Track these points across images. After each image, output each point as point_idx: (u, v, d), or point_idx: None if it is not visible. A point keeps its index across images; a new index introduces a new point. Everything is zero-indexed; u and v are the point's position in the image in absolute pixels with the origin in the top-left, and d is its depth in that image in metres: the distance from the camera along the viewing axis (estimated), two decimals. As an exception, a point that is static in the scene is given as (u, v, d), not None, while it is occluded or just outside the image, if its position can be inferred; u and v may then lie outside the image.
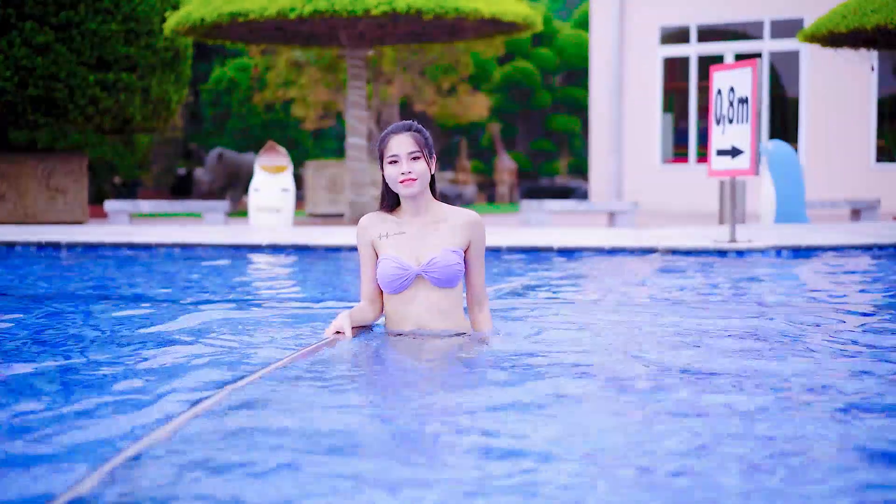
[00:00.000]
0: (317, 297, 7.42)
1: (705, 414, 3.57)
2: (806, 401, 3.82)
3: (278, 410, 3.64)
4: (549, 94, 36.08)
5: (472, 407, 3.66)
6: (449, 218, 4.84)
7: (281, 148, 15.98)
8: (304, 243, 10.96)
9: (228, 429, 3.39)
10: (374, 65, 26.17)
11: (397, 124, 4.77)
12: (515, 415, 3.56)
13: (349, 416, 3.58)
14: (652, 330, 5.54)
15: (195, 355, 4.72)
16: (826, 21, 17.03)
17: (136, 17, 17.37)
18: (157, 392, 3.95)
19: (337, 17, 15.47)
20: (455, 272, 4.77)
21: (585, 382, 4.12)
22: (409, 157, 4.69)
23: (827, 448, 3.19)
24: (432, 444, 3.27)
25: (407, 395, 3.93)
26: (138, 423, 3.48)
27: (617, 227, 15.26)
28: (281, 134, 30.61)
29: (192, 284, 8.45)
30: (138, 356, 4.78)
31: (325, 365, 4.38)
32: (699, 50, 23.14)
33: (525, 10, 16.43)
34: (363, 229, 4.87)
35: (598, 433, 3.33)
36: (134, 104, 17.49)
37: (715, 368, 4.37)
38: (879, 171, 21.45)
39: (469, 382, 4.17)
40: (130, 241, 11.02)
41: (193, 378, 4.19)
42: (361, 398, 3.97)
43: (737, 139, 10.72)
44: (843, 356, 4.82)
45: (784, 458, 3.06)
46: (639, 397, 3.88)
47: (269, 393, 3.88)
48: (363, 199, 17.01)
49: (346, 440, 3.28)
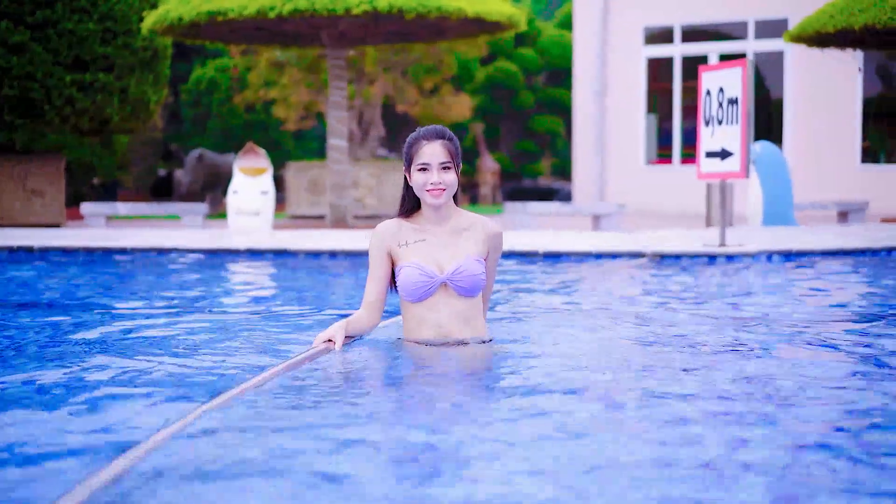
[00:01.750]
0: (295, 304, 7.19)
1: (698, 421, 3.51)
2: (802, 407, 3.76)
3: (266, 423, 3.51)
4: (533, 94, 35.90)
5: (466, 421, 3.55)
6: (472, 227, 4.79)
7: (260, 150, 15.72)
8: (283, 248, 10.70)
9: (210, 443, 3.25)
10: (355, 65, 25.95)
11: (430, 130, 4.67)
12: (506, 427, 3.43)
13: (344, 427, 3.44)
14: (641, 338, 5.39)
15: (169, 366, 4.53)
16: (813, 21, 16.89)
17: (114, 17, 17.07)
18: (130, 406, 3.75)
19: (317, 17, 15.21)
20: (479, 280, 4.71)
21: (572, 396, 3.97)
22: (440, 166, 4.62)
23: (832, 461, 3.10)
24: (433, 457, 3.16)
25: (401, 408, 3.85)
26: (109, 441, 3.33)
27: (602, 229, 15.03)
28: (262, 135, 30.32)
29: (167, 291, 8.18)
30: (107, 368, 4.56)
31: (321, 373, 4.30)
32: (683, 50, 23.01)
33: (509, 9, 16.20)
34: (380, 236, 4.76)
35: (582, 447, 3.21)
36: (112, 105, 17.19)
37: (707, 375, 4.31)
38: (865, 173, 21.34)
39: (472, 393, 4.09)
40: (105, 246, 10.74)
41: (168, 391, 3.99)
42: (362, 409, 3.82)
43: (726, 141, 10.49)
44: (835, 362, 4.75)
45: (783, 469, 3.01)
46: (630, 408, 3.77)
47: (252, 405, 3.75)
48: (344, 201, 16.74)
49: (345, 458, 3.14)
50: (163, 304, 7.09)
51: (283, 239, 11.93)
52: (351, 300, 7.51)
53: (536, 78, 36.82)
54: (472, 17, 15.45)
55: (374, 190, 23.08)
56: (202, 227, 15.88)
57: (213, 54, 31.87)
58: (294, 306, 7.12)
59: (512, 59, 35.48)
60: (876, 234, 12.27)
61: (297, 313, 6.61)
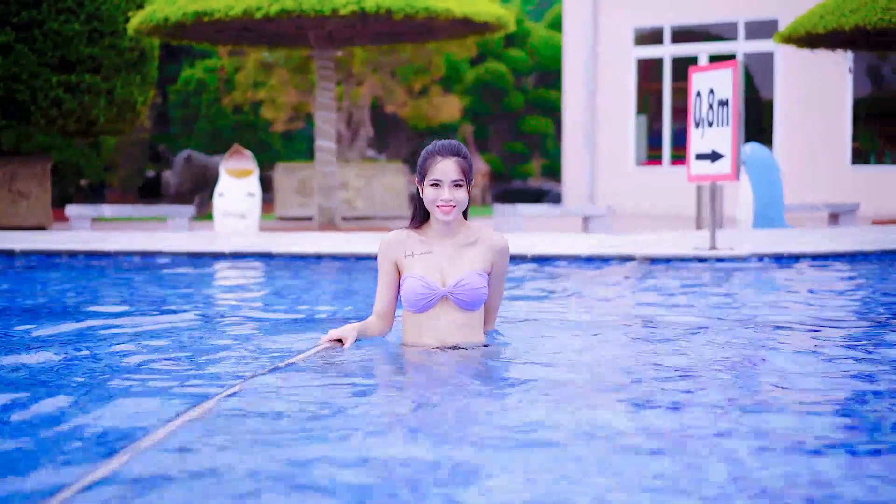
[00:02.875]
0: (277, 309, 7.06)
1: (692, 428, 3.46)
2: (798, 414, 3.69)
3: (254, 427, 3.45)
4: (522, 95, 35.78)
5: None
6: (478, 241, 4.87)
7: (247, 151, 15.58)
8: (269, 251, 10.57)
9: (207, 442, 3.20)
10: (344, 66, 25.82)
11: (445, 145, 4.75)
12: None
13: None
14: (630, 343, 5.30)
15: (154, 371, 4.44)
16: (804, 21, 16.81)
17: (100, 17, 16.91)
18: (108, 412, 3.68)
19: (304, 17, 15.08)
20: (481, 295, 4.81)
21: (561, 403, 3.88)
22: (452, 184, 4.69)
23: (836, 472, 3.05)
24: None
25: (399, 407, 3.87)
26: (84, 448, 3.27)
27: (592, 231, 14.91)
28: (250, 136, 30.16)
29: (150, 295, 8.04)
30: (89, 373, 4.45)
31: (327, 370, 4.40)
32: (673, 51, 22.93)
33: (498, 9, 16.06)
34: (388, 245, 4.86)
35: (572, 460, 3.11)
36: (98, 106, 17.03)
37: (699, 380, 4.26)
38: (855, 174, 21.27)
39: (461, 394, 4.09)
40: (88, 249, 10.60)
41: (156, 397, 3.92)
42: (355, 411, 3.84)
43: (717, 143, 10.37)
44: (828, 366, 4.70)
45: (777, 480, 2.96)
46: (618, 416, 3.68)
47: (256, 399, 3.78)
48: (332, 203, 16.61)
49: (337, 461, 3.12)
50: (142, 308, 6.95)
51: (268, 242, 11.79)
52: (335, 304, 7.38)
53: (526, 79, 36.72)
54: (460, 18, 15.32)
55: (363, 191, 22.96)
56: (188, 229, 15.74)
57: (202, 55, 31.72)
58: (276, 311, 6.99)
59: (501, 59, 35.37)
60: (868, 237, 12.17)
61: (279, 318, 6.47)
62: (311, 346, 4.86)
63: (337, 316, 6.59)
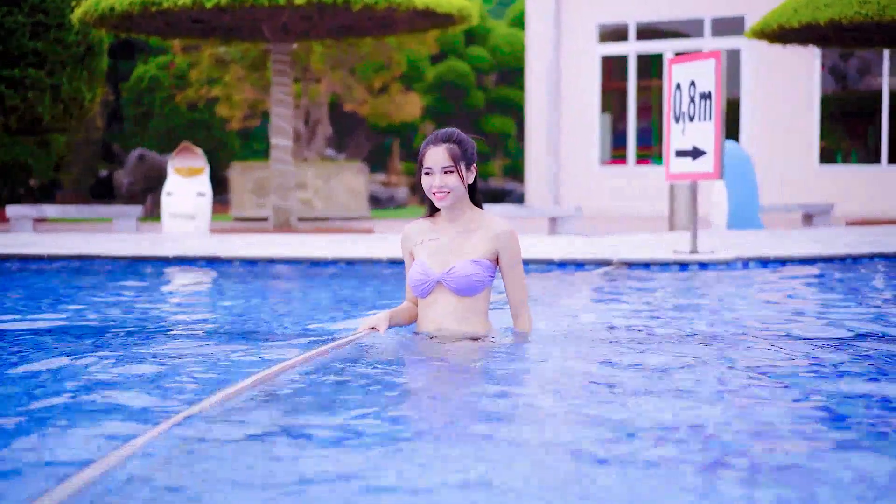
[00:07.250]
0: (222, 318, 6.37)
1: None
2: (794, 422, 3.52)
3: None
4: (484, 94, 35.31)
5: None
6: (481, 228, 4.88)
7: (196, 149, 14.85)
8: (217, 255, 9.84)
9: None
10: (301, 62, 25.15)
11: (437, 133, 4.81)
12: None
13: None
14: (609, 355, 4.82)
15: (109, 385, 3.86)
16: (776, 15, 16.32)
17: (45, 9, 16.16)
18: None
19: (258, 8, 14.34)
20: (473, 283, 4.81)
21: (549, 418, 3.57)
22: (442, 171, 4.74)
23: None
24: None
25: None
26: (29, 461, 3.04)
27: (559, 233, 14.26)
28: (206, 134, 29.40)
29: (81, 302, 7.30)
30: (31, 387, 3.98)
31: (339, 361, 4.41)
32: (638, 48, 22.52)
33: (460, 2, 15.38)
34: (405, 238, 5.03)
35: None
36: (43, 103, 16.27)
37: (688, 390, 4.00)
38: (823, 173, 20.91)
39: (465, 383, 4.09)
40: (22, 253, 9.83)
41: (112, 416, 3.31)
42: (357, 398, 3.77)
43: (699, 139, 9.71)
44: (823, 371, 4.49)
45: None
46: (609, 427, 3.44)
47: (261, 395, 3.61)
48: (288, 203, 15.87)
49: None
50: (70, 316, 6.24)
51: (217, 245, 11.07)
52: (286, 312, 6.71)
53: (487, 77, 36.26)
54: (421, 9, 14.65)
55: (321, 191, 22.33)
56: (135, 230, 14.97)
57: (156, 51, 30.94)
58: (221, 320, 6.29)
59: (463, 57, 34.91)
60: (849, 239, 11.62)
61: (223, 328, 5.78)
62: (346, 335, 4.86)
63: (281, 330, 5.89)
